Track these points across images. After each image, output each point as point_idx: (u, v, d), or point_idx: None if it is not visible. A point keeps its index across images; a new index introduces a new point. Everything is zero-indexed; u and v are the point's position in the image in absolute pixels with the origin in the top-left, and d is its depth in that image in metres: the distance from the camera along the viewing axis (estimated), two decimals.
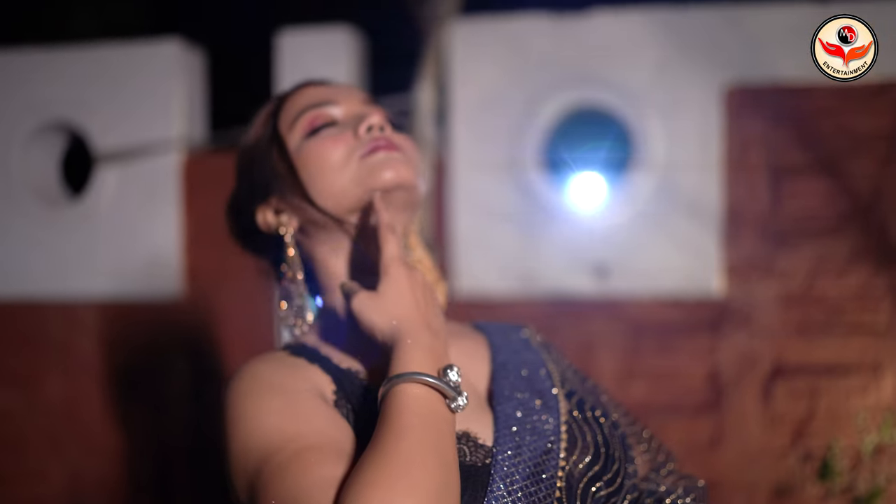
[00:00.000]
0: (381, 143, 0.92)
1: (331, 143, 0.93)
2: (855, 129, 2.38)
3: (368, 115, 0.94)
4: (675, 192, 2.43)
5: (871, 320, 2.39)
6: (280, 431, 0.79)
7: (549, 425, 0.86)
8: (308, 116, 0.95)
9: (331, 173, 0.92)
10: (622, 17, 2.47)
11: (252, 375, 0.86)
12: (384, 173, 0.91)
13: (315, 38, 2.63)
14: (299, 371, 0.87)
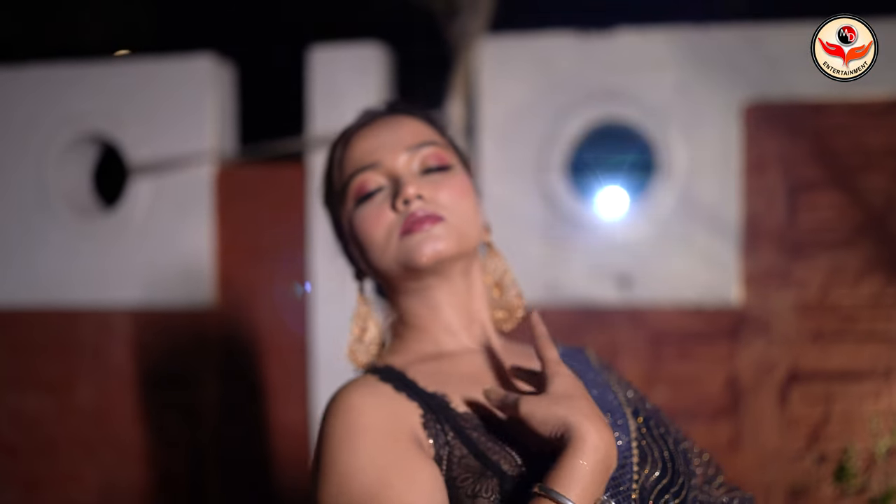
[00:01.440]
0: (416, 220, 0.97)
1: (374, 222, 0.99)
2: (868, 145, 2.48)
3: (401, 188, 0.98)
4: (696, 204, 2.53)
5: (884, 328, 2.49)
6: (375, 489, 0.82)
7: (621, 442, 0.93)
8: (356, 184, 1.01)
9: (377, 251, 1.00)
10: (645, 35, 2.56)
11: (347, 412, 0.89)
12: (420, 257, 0.96)
13: (346, 54, 2.71)
14: (391, 404, 0.91)
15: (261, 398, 2.76)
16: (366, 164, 1.01)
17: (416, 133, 1.04)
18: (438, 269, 0.99)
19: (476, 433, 0.90)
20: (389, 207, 0.99)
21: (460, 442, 0.88)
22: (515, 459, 0.87)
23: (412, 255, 0.97)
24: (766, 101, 2.51)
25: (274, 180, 2.78)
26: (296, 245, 2.74)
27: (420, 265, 0.97)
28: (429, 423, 0.90)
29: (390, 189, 1.00)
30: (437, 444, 0.89)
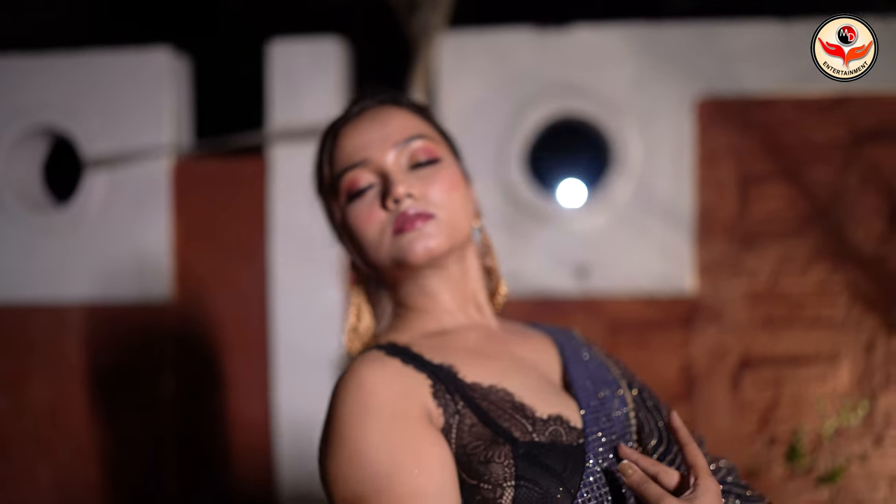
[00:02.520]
0: (407, 219, 0.99)
1: (365, 220, 1.01)
2: (814, 139, 2.57)
3: (391, 188, 0.99)
4: (651, 196, 2.59)
5: (829, 314, 2.59)
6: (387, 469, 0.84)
7: (620, 413, 0.97)
8: (346, 181, 1.03)
9: (370, 248, 1.02)
10: (602, 31, 2.61)
11: (358, 389, 0.90)
12: (413, 256, 0.99)
13: (304, 48, 2.71)
14: (401, 379, 0.92)
15: (220, 392, 2.75)
16: (354, 161, 1.02)
17: (404, 127, 1.05)
18: (432, 264, 1.02)
19: (485, 402, 0.92)
20: (380, 206, 1.01)
21: (470, 411, 0.90)
22: (526, 426, 0.89)
23: (405, 254, 0.99)
24: (717, 97, 2.59)
25: (233, 174, 2.77)
26: (255, 238, 2.73)
27: (413, 263, 1.00)
28: (438, 392, 0.92)
29: (380, 187, 1.02)
30: (447, 413, 0.90)
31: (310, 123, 2.69)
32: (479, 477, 0.86)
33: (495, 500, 0.84)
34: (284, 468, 2.69)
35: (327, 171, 1.06)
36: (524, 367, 1.02)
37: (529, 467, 0.85)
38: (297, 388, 2.69)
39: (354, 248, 1.05)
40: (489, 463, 0.86)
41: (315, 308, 2.70)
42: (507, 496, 0.84)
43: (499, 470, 0.85)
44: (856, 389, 2.57)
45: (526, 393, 0.95)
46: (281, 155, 2.71)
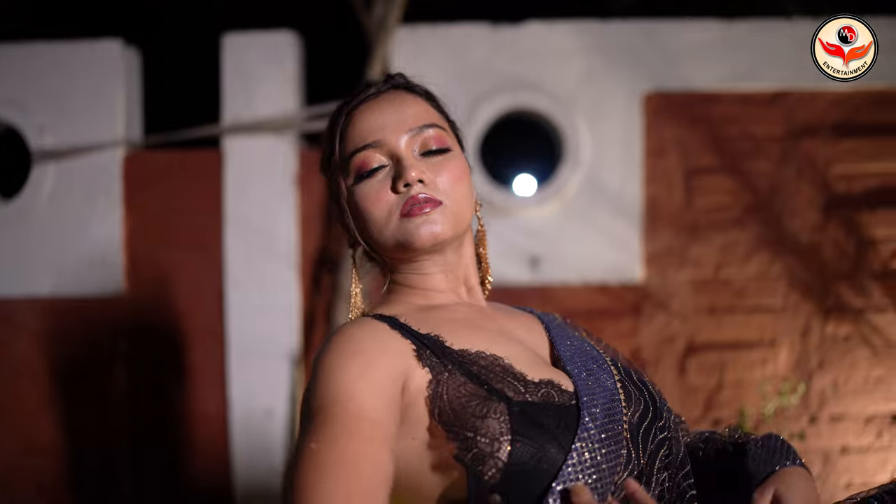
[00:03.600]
0: (417, 202, 1.01)
1: (374, 200, 1.03)
2: (754, 133, 2.69)
3: (403, 171, 1.01)
4: (601, 188, 2.68)
5: (769, 302, 2.71)
6: (348, 391, 0.89)
7: (608, 383, 1.00)
8: (357, 161, 1.04)
9: (376, 228, 1.03)
10: (553, 27, 2.68)
11: (345, 337, 0.96)
12: (419, 240, 1.01)
13: (259, 42, 2.71)
14: (383, 335, 0.97)
15: (175, 387, 2.73)
16: (368, 141, 1.04)
17: (418, 114, 1.07)
18: (433, 249, 1.04)
19: (475, 367, 0.95)
20: (390, 188, 1.03)
21: (459, 372, 0.94)
22: (518, 387, 0.92)
23: (411, 237, 1.01)
24: (664, 91, 2.69)
25: (187, 166, 2.75)
26: (210, 231, 2.73)
27: (418, 247, 1.02)
28: (423, 355, 0.95)
29: (391, 169, 1.03)
30: (435, 372, 0.94)
31: (264, 116, 2.70)
32: (476, 430, 0.88)
33: (492, 453, 0.87)
34: (240, 461, 2.69)
35: (337, 148, 1.07)
36: (513, 339, 1.05)
37: (524, 424, 0.88)
38: (253, 381, 2.69)
39: (358, 226, 1.06)
40: (485, 418, 0.88)
41: (271, 301, 2.70)
42: (503, 450, 0.87)
43: (495, 425, 0.88)
44: (793, 372, 2.69)
45: (515, 360, 0.98)
46: (235, 147, 2.71)
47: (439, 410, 0.91)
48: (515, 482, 0.87)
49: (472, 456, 0.88)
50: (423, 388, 0.93)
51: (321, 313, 2.72)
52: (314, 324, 2.73)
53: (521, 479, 0.87)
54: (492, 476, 0.86)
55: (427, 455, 0.92)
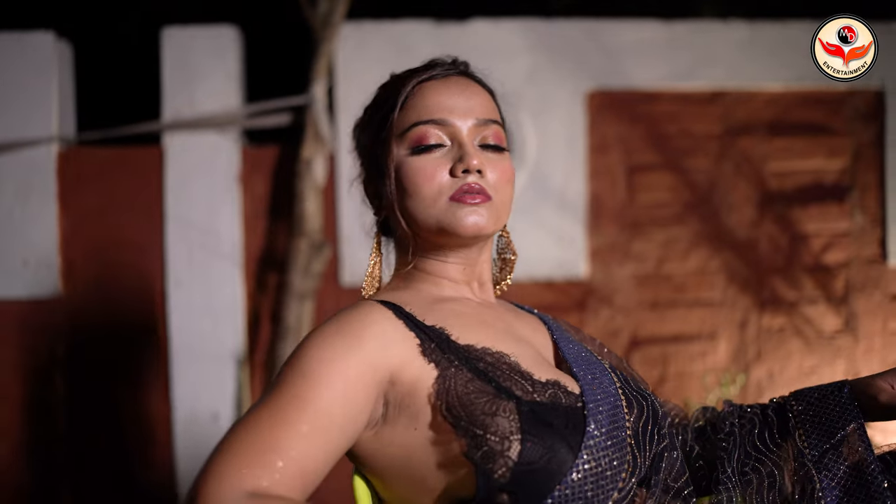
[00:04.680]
0: (471, 191, 1.01)
1: (428, 176, 1.02)
2: (693, 131, 2.76)
3: (466, 157, 1.01)
4: (546, 185, 2.71)
5: (708, 296, 2.78)
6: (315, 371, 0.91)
7: (611, 388, 1.00)
8: (418, 132, 1.03)
9: (422, 204, 1.02)
10: (498, 25, 2.70)
11: (343, 317, 0.98)
12: (463, 228, 1.01)
13: (200, 36, 2.66)
14: (384, 324, 0.97)
15: (116, 390, 2.66)
16: (434, 117, 1.03)
17: (486, 108, 1.08)
18: (468, 242, 1.05)
19: (482, 363, 0.94)
20: (448, 169, 1.02)
21: (466, 368, 0.93)
22: (526, 387, 0.92)
23: (456, 223, 1.00)
24: (606, 89, 2.73)
25: (127, 163, 2.68)
26: (151, 229, 2.66)
27: (460, 234, 1.01)
28: (427, 350, 0.95)
29: (450, 151, 1.03)
30: (441, 367, 0.93)
31: (205, 113, 2.65)
32: (485, 428, 0.88)
33: (502, 452, 0.86)
34: (184, 466, 2.63)
35: (396, 116, 1.05)
36: (519, 339, 1.05)
37: (534, 424, 0.88)
38: (197, 383, 2.64)
39: (400, 196, 1.04)
40: (495, 415, 0.88)
41: (214, 301, 2.65)
42: (513, 449, 0.86)
43: (505, 423, 0.88)
44: (733, 363, 2.77)
45: (522, 359, 0.98)
46: (176, 144, 2.65)
47: (447, 406, 0.90)
48: (524, 481, 0.87)
49: (481, 454, 0.87)
50: (426, 384, 0.93)
51: (266, 313, 2.69)
52: (259, 324, 2.69)
53: (530, 478, 0.87)
54: (501, 475, 0.86)
55: (432, 450, 0.92)
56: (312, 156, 2.56)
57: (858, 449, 1.02)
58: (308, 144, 2.57)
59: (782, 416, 1.11)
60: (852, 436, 1.04)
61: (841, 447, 1.04)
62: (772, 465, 1.07)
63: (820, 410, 1.08)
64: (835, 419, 1.06)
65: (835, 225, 2.82)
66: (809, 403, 1.10)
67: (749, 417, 1.14)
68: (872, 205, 2.82)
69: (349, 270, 2.66)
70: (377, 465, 0.98)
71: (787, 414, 1.11)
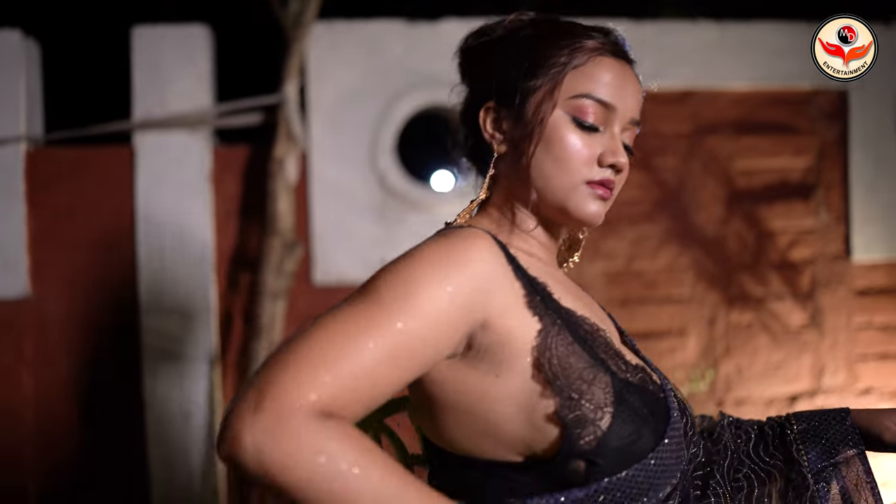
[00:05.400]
0: (607, 185, 1.00)
1: (580, 151, 0.98)
2: (662, 130, 2.80)
3: (619, 153, 0.99)
4: None
5: (678, 292, 2.82)
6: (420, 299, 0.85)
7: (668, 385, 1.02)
8: (586, 105, 0.99)
9: (560, 176, 0.99)
10: (470, 24, 2.68)
11: (461, 241, 0.90)
12: (589, 210, 0.99)
13: (170, 35, 2.64)
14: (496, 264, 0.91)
15: (85, 391, 2.64)
16: (607, 100, 0.99)
17: (639, 107, 1.05)
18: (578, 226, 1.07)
19: (581, 330, 0.94)
20: (597, 154, 0.99)
21: (567, 331, 0.92)
22: (620, 364, 0.93)
23: (582, 208, 0.99)
24: None
25: (97, 163, 2.66)
26: (122, 230, 2.64)
27: (580, 219, 1.00)
28: (533, 303, 0.92)
29: (604, 139, 0.99)
30: (545, 323, 0.91)
31: (176, 112, 2.64)
32: (581, 394, 0.87)
33: (594, 420, 0.86)
34: (156, 465, 2.62)
35: (570, 72, 1.00)
36: (602, 317, 1.05)
37: (626, 402, 0.89)
38: (169, 383, 2.63)
39: (538, 151, 0.99)
40: (591, 384, 0.88)
41: (186, 301, 2.64)
42: (605, 420, 0.87)
43: (600, 394, 0.87)
44: (702, 359, 2.82)
45: (612, 337, 0.98)
46: (147, 144, 2.64)
47: (548, 363, 0.88)
48: (606, 454, 0.86)
49: (573, 417, 0.86)
50: (525, 336, 0.90)
51: (239, 313, 2.68)
52: (232, 324, 2.68)
53: (613, 452, 0.87)
54: (587, 442, 0.86)
55: (514, 400, 0.89)
56: (285, 155, 2.56)
57: (859, 472, 1.06)
58: (280, 144, 2.56)
59: (780, 432, 1.14)
60: (853, 460, 1.07)
61: (841, 467, 1.07)
62: (765, 474, 1.09)
63: (821, 431, 1.10)
64: (836, 441, 1.08)
65: (800, 222, 2.87)
66: (810, 424, 1.11)
67: (745, 429, 1.17)
68: (837, 202, 2.88)
69: (322, 269, 2.67)
70: (440, 399, 0.94)
71: (786, 430, 1.13)
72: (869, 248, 2.88)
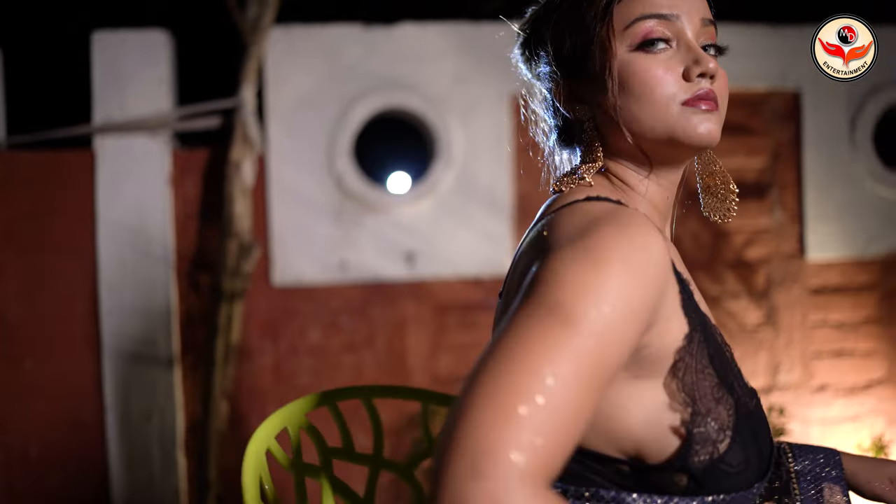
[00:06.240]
0: (707, 97, 0.90)
1: (660, 77, 0.90)
2: None
3: (703, 60, 0.90)
4: (473, 185, 2.77)
5: None
6: (613, 314, 0.73)
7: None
8: (644, 27, 0.91)
9: (654, 109, 0.91)
10: (425, 29, 2.76)
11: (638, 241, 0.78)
12: (699, 131, 0.90)
13: (131, 40, 2.68)
14: (666, 259, 0.79)
15: (47, 394, 2.67)
16: (663, 11, 0.91)
17: (706, 6, 0.95)
18: (694, 153, 0.95)
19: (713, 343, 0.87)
20: (680, 71, 0.91)
21: (706, 342, 0.85)
22: (739, 388, 0.89)
23: (691, 131, 0.90)
24: None
25: (58, 167, 2.69)
26: (83, 232, 2.67)
27: (694, 143, 0.90)
28: (686, 303, 0.84)
29: (680, 52, 0.92)
30: (691, 327, 0.84)
31: (136, 116, 2.67)
32: (709, 411, 0.83)
33: (715, 441, 0.83)
34: (116, 467, 2.65)
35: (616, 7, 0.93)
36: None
37: (744, 429, 0.85)
38: (130, 384, 2.66)
39: (622, 99, 0.92)
40: (719, 403, 0.84)
41: (146, 302, 2.68)
42: (724, 443, 0.83)
43: (724, 415, 0.84)
44: None
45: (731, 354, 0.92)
46: (108, 147, 2.68)
47: (684, 371, 0.83)
48: (713, 476, 0.82)
49: (699, 433, 0.82)
50: (675, 338, 0.83)
51: (199, 314, 2.71)
52: (192, 325, 2.71)
53: (719, 476, 0.83)
54: (700, 461, 0.82)
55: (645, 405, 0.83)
56: (241, 158, 2.60)
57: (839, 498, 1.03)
58: (236, 147, 2.60)
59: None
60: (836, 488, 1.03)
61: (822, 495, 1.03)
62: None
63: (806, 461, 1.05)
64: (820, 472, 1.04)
65: (755, 221, 2.91)
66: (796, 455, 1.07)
67: None
68: (791, 202, 2.92)
69: (280, 270, 2.70)
70: None
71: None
72: (823, 247, 2.91)
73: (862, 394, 2.95)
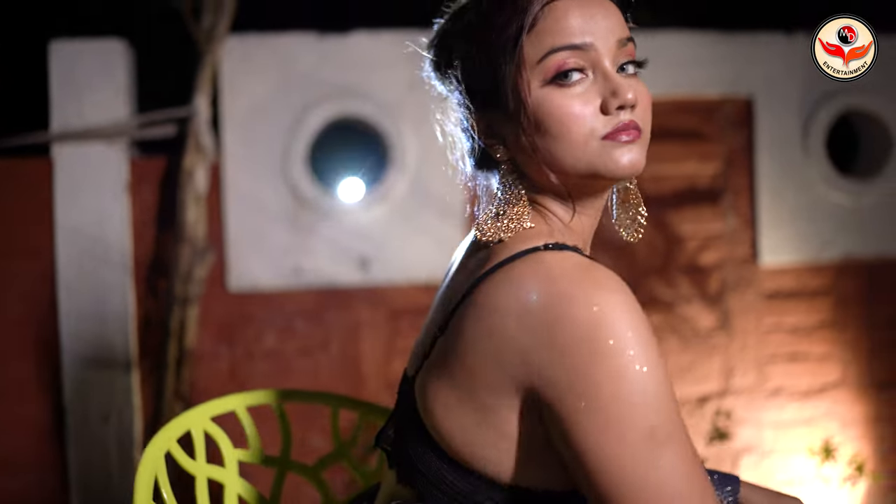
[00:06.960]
0: (627, 128, 0.88)
1: (576, 114, 0.88)
2: None
3: (621, 91, 0.87)
4: (426, 192, 2.80)
5: None
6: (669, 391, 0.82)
7: None
8: (556, 60, 0.88)
9: (568, 146, 0.89)
10: (378, 37, 2.79)
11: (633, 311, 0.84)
12: (622, 164, 0.88)
13: (88, 49, 2.72)
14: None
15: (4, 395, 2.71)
16: (575, 42, 0.88)
17: (622, 24, 0.92)
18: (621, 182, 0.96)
19: None
20: (597, 105, 0.88)
21: None
22: None
23: (612, 165, 0.88)
24: None
25: (15, 174, 2.74)
26: (42, 239, 2.72)
27: (617, 176, 0.90)
28: None
29: (597, 83, 0.89)
30: None
31: (94, 124, 2.71)
32: None
33: None
34: (75, 470, 2.69)
35: (525, 41, 0.89)
36: None
37: None
38: (88, 388, 2.70)
39: (539, 137, 0.90)
40: None
41: (104, 307, 2.72)
42: None
43: None
44: None
45: None
46: (65, 156, 2.72)
47: None
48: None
49: None
50: None
51: (156, 318, 2.75)
52: (149, 329, 2.76)
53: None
54: None
55: None
56: (193, 166, 2.64)
57: None
58: (189, 155, 2.64)
59: None
60: None
61: None
62: None
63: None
64: None
65: (708, 227, 2.94)
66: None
67: None
68: (744, 207, 2.94)
69: (236, 276, 2.74)
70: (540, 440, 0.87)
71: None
72: (776, 251, 2.94)
73: (816, 397, 2.98)
